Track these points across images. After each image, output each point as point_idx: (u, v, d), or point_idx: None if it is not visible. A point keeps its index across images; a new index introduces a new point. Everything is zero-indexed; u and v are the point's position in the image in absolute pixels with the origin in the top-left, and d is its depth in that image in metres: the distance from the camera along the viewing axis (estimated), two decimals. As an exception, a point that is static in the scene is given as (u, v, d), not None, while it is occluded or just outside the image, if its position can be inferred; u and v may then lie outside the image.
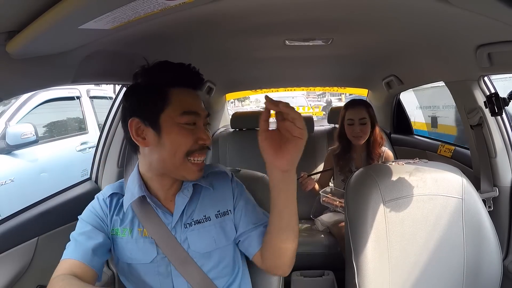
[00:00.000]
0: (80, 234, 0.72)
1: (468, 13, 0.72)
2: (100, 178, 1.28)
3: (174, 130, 0.69)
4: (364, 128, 1.59)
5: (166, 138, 0.69)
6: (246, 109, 9.01)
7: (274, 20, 0.91)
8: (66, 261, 0.69)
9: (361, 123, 1.59)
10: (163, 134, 0.69)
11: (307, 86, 2.87)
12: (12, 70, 0.65)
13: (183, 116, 0.69)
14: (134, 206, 0.75)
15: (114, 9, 0.52)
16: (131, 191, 0.75)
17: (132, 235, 0.75)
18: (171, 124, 0.69)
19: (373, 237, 0.91)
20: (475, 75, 1.17)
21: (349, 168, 1.68)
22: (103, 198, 0.78)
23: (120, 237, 0.75)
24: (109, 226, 0.76)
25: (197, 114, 0.72)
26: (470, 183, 0.98)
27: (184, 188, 0.77)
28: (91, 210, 0.76)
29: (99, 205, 0.77)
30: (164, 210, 0.76)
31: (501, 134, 1.23)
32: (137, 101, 0.71)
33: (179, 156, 0.70)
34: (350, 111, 1.63)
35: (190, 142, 0.70)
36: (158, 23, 0.74)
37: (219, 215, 0.78)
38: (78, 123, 3.22)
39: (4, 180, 2.29)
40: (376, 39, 1.17)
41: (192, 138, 0.70)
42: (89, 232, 0.72)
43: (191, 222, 0.76)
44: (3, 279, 0.85)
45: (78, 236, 0.72)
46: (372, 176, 0.97)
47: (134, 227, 0.75)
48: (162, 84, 0.71)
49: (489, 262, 0.94)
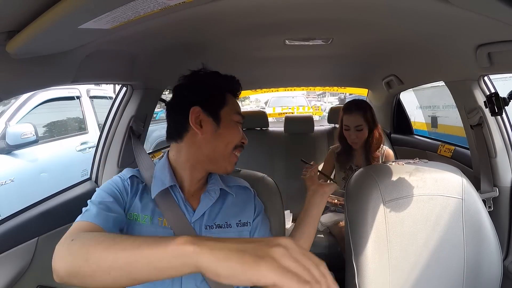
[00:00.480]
0: (100, 202, 0.69)
1: (468, 13, 0.72)
2: (100, 178, 1.28)
3: (231, 125, 0.80)
4: (360, 134, 1.59)
5: (224, 130, 0.79)
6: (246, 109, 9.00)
7: (274, 20, 0.91)
8: (82, 223, 0.62)
9: (357, 130, 1.58)
10: (222, 126, 0.79)
11: (307, 86, 2.87)
12: (12, 70, 0.65)
13: (236, 115, 0.81)
14: (157, 195, 0.76)
15: (114, 9, 0.52)
16: (161, 179, 0.77)
17: (152, 223, 0.75)
18: (229, 120, 0.80)
19: (373, 237, 0.91)
20: (475, 75, 1.17)
21: (349, 166, 1.69)
22: (124, 179, 0.78)
23: (140, 223, 0.74)
24: (127, 205, 0.75)
25: (243, 117, 0.84)
26: (470, 183, 0.98)
27: (211, 190, 0.81)
28: (112, 184, 0.76)
29: (121, 182, 0.77)
30: (187, 204, 0.78)
31: (501, 134, 1.23)
32: (202, 94, 0.79)
33: (229, 147, 0.79)
34: (347, 117, 1.61)
35: (239, 137, 0.81)
36: (158, 23, 0.74)
37: (240, 225, 0.82)
38: (78, 123, 3.22)
39: (4, 180, 2.29)
40: (376, 39, 1.17)
41: (240, 134, 0.82)
42: (110, 203, 0.70)
43: (212, 225, 0.78)
44: (3, 279, 0.85)
45: (98, 204, 0.68)
46: (372, 176, 0.97)
47: (155, 216, 0.75)
48: (222, 87, 0.82)
49: (489, 262, 0.94)
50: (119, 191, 0.75)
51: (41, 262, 0.95)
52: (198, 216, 0.77)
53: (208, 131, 0.78)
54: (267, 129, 2.33)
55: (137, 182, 0.79)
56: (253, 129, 2.31)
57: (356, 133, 1.59)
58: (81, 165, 2.85)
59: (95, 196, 0.72)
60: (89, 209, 0.67)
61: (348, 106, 1.64)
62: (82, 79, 0.88)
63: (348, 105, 1.67)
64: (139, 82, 1.22)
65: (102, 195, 0.72)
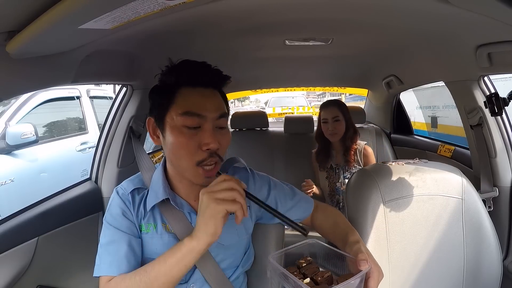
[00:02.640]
0: (109, 243, 0.71)
1: (468, 13, 0.72)
2: (100, 178, 1.28)
3: (173, 132, 0.67)
4: (338, 125, 1.68)
5: (168, 139, 0.68)
6: (246, 109, 9.01)
7: (274, 20, 0.91)
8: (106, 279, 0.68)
9: (334, 120, 1.68)
10: (165, 135, 0.69)
11: (307, 86, 2.88)
12: (12, 70, 0.65)
13: (183, 117, 0.66)
14: (158, 204, 0.74)
15: (114, 9, 0.52)
16: (155, 192, 0.74)
17: (157, 230, 0.74)
18: (172, 125, 0.67)
19: (373, 237, 0.91)
20: (475, 75, 1.17)
21: (330, 165, 1.75)
22: (124, 194, 0.76)
23: (145, 232, 0.74)
24: (136, 222, 0.74)
25: (200, 116, 0.66)
26: (470, 183, 0.98)
27: None
28: (116, 211, 0.74)
29: (123, 203, 0.75)
30: (188, 209, 0.75)
31: (501, 134, 1.24)
32: (152, 101, 0.72)
33: (185, 161, 0.67)
34: (324, 111, 1.73)
35: (192, 146, 0.66)
36: (158, 23, 0.74)
37: None
38: (78, 123, 3.22)
39: (4, 180, 2.29)
40: (376, 39, 1.17)
41: (194, 142, 0.66)
42: (118, 239, 0.71)
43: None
44: (3, 279, 0.85)
45: (108, 246, 0.71)
46: (372, 176, 0.97)
47: (158, 222, 0.75)
48: (172, 84, 0.69)
49: (489, 262, 0.94)
50: (125, 215, 0.73)
51: (41, 262, 0.95)
52: None
53: (161, 142, 0.72)
54: (267, 129, 2.33)
55: (139, 193, 0.77)
56: (253, 129, 2.31)
57: (334, 124, 1.68)
58: (81, 165, 2.85)
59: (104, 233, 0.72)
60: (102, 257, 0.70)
61: (324, 103, 1.80)
62: (82, 79, 0.88)
63: (324, 102, 1.83)
64: (139, 82, 1.22)
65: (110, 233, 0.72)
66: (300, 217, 0.88)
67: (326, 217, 0.88)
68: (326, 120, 1.71)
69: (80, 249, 1.11)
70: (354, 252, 0.67)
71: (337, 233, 0.80)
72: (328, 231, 0.85)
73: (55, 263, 1.03)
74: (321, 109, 1.77)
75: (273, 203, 0.84)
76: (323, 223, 0.87)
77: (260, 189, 0.84)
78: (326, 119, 1.71)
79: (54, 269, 1.03)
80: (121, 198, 0.75)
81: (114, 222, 0.73)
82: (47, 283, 0.98)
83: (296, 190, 0.90)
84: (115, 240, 0.71)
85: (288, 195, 0.87)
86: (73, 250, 1.09)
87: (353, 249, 0.68)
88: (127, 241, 0.71)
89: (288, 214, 0.85)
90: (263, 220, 0.88)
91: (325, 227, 0.86)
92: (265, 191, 0.85)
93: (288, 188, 0.89)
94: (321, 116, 1.75)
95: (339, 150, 1.75)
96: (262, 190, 0.84)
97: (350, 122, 1.72)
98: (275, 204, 0.84)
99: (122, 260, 0.69)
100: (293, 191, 0.89)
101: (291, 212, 0.86)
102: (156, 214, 0.75)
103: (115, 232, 0.72)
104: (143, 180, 0.80)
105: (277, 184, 0.88)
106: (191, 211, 0.76)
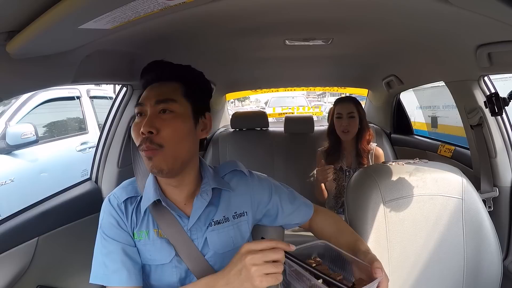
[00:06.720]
0: (107, 254, 0.71)
1: (468, 13, 0.72)
2: (100, 178, 1.27)
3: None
4: (352, 122, 1.60)
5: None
6: (246, 109, 9.01)
7: (274, 20, 0.91)
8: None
9: (349, 117, 1.61)
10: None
11: (307, 86, 2.87)
12: (12, 70, 0.65)
13: (135, 108, 0.74)
14: (150, 208, 0.74)
15: (114, 9, 0.52)
16: (148, 195, 0.75)
17: (149, 237, 0.74)
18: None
19: (373, 237, 0.91)
20: (475, 75, 1.17)
21: (340, 167, 1.67)
22: (117, 204, 0.75)
23: (137, 240, 0.74)
24: (130, 231, 0.74)
25: (141, 104, 0.73)
26: (470, 183, 0.98)
27: (203, 192, 0.76)
28: (110, 221, 0.74)
29: (116, 213, 0.74)
30: (179, 213, 0.75)
31: (501, 134, 1.23)
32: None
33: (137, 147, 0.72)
34: (339, 105, 1.66)
35: (135, 132, 0.71)
36: (158, 23, 0.74)
37: (236, 216, 0.80)
38: (78, 123, 3.22)
39: (4, 180, 2.29)
40: (376, 39, 1.17)
41: (137, 127, 0.69)
42: (115, 250, 0.71)
43: (211, 223, 0.76)
44: (3, 279, 0.85)
45: (104, 258, 0.71)
46: (372, 176, 0.97)
47: (150, 228, 0.74)
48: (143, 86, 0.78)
49: (489, 262, 0.94)
50: (119, 226, 0.73)
51: (41, 262, 0.95)
52: (193, 221, 0.74)
53: None
54: (267, 129, 2.33)
55: (132, 201, 0.76)
56: (253, 129, 2.31)
57: (348, 120, 1.60)
58: (81, 165, 2.85)
59: (99, 244, 0.73)
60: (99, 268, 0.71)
61: (340, 98, 1.75)
62: (82, 79, 0.88)
63: (339, 98, 1.78)
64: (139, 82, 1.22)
65: (105, 244, 0.72)
66: (300, 221, 0.89)
67: (328, 222, 0.88)
68: (340, 115, 1.62)
69: (80, 249, 1.10)
70: (369, 260, 0.68)
71: (343, 239, 0.81)
72: (331, 236, 0.84)
73: (55, 263, 1.03)
74: (336, 104, 1.69)
75: (275, 208, 0.85)
76: (325, 228, 0.88)
77: (261, 194, 0.84)
78: (340, 114, 1.63)
79: (54, 269, 1.03)
80: (113, 207, 0.75)
81: (110, 233, 0.73)
82: (47, 283, 0.98)
83: (296, 194, 0.90)
84: (111, 252, 0.71)
85: (289, 200, 0.87)
86: (73, 250, 1.08)
87: (367, 257, 0.70)
88: (122, 252, 0.71)
89: (289, 218, 0.87)
90: (263, 222, 0.88)
91: (327, 232, 0.86)
92: (266, 197, 0.84)
93: (289, 192, 0.89)
94: (335, 111, 1.66)
95: (350, 151, 1.67)
96: (263, 195, 0.84)
97: (365, 122, 1.64)
98: (276, 209, 0.85)
99: (122, 270, 0.69)
100: (293, 195, 0.89)
101: (292, 217, 0.87)
102: (149, 219, 0.75)
103: (109, 244, 0.72)
104: (136, 187, 0.79)
105: (278, 188, 0.87)
106: (181, 214, 0.75)
